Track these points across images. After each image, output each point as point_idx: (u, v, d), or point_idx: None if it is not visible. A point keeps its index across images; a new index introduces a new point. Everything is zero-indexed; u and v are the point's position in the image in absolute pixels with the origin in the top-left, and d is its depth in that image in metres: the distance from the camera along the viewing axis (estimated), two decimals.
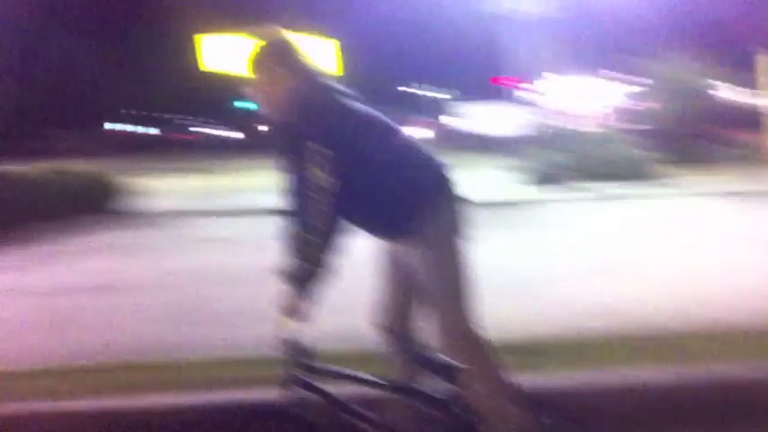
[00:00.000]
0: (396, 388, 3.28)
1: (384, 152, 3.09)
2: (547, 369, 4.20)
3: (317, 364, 3.11)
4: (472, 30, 32.06)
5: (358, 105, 3.16)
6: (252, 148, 29.85)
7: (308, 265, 2.92)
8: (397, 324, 3.29)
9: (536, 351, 4.47)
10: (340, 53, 31.11)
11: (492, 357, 3.13)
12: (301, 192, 2.96)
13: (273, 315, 2.98)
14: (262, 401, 3.51)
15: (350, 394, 3.27)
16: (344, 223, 3.01)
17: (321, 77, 3.18)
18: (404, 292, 3.24)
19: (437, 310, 3.09)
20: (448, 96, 49.12)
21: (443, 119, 49.05)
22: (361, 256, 3.42)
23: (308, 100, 3.06)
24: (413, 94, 55.64)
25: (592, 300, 5.91)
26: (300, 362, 3.05)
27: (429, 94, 53.89)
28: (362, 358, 3.87)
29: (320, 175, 2.92)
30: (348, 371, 3.26)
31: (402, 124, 3.25)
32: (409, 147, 3.18)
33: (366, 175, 3.03)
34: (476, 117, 47.02)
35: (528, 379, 3.58)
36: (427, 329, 3.22)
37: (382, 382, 3.27)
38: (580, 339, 4.81)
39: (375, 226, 3.17)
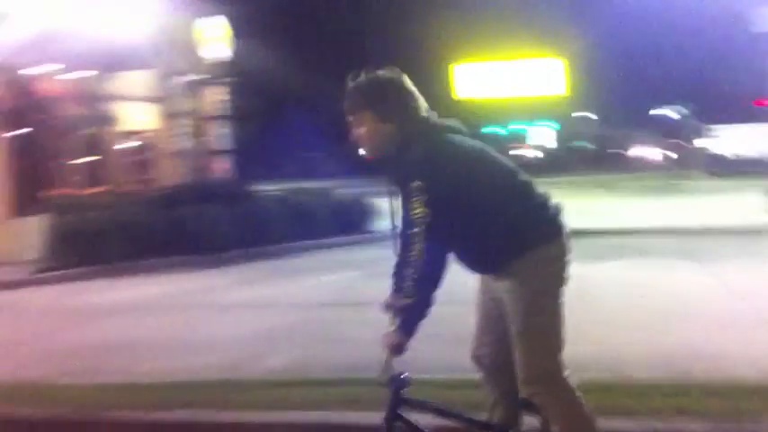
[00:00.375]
0: (488, 427, 3.27)
1: (492, 190, 3.05)
2: None
3: (418, 399, 3.16)
4: (724, 49, 30.40)
5: (468, 143, 3.11)
6: None
7: (406, 298, 2.95)
8: (491, 359, 3.25)
9: None
10: (569, 72, 30.74)
11: (580, 406, 3.05)
12: (405, 226, 3.03)
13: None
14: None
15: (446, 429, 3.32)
16: (446, 258, 3.03)
17: (425, 117, 3.12)
18: (499, 329, 3.16)
19: (525, 356, 3.03)
20: (694, 116, 46.73)
21: (695, 141, 46.77)
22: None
23: (407, 142, 3.03)
24: (660, 116, 53.55)
25: None
26: (401, 396, 3.04)
27: (676, 115, 51.63)
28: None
29: (419, 212, 2.91)
30: (444, 406, 3.34)
31: (645, 145, 3.24)
32: (520, 187, 3.12)
33: (472, 212, 3.00)
34: (732, 139, 44.48)
35: None
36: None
37: (476, 419, 3.28)
38: None
39: (477, 262, 3.16)
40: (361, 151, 3.21)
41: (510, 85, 32.61)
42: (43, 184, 13.94)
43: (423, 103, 3.16)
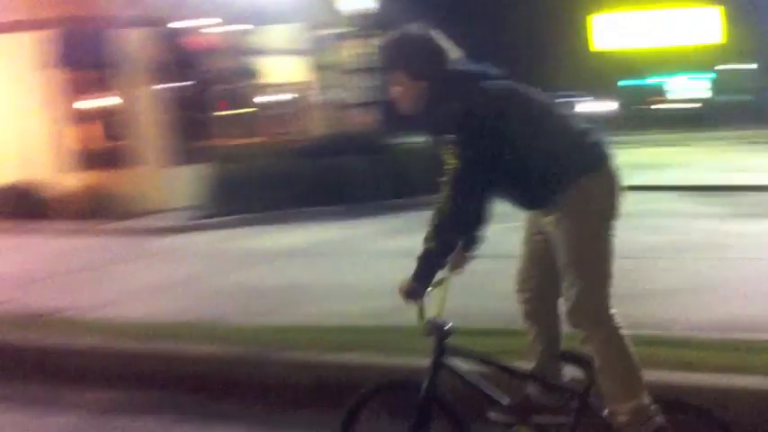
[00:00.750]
0: (529, 376, 3.27)
1: (527, 128, 3.02)
2: None
3: (462, 348, 3.19)
4: None
5: (498, 87, 3.08)
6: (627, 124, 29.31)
7: (424, 244, 2.98)
8: (534, 303, 3.23)
9: None
10: (725, 20, 29.16)
11: (627, 348, 2.99)
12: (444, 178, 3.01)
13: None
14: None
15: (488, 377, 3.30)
16: (475, 211, 3.02)
17: (455, 71, 3.09)
18: (544, 266, 3.15)
19: (572, 290, 2.99)
20: None
21: None
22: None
23: (438, 98, 3.03)
24: None
25: None
26: (444, 344, 3.09)
27: None
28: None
29: (451, 164, 2.94)
30: (487, 355, 3.35)
31: None
32: (563, 122, 3.10)
33: (510, 154, 2.98)
34: None
35: None
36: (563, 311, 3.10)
37: (516, 368, 3.28)
38: None
39: (522, 199, 3.14)
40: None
41: (656, 34, 31.28)
42: (198, 135, 14.62)
43: (455, 55, 3.14)
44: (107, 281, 8.23)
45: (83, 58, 13.53)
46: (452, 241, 3.06)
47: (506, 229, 3.27)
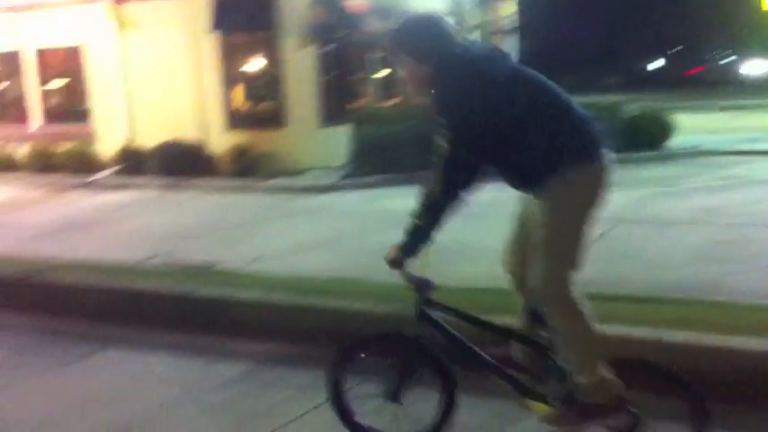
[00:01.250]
0: (505, 330, 3.49)
1: (525, 112, 3.08)
2: None
3: (442, 303, 3.41)
4: None
5: (498, 69, 3.14)
6: None
7: (425, 224, 3.18)
8: (517, 271, 3.41)
9: None
10: None
11: (587, 328, 3.13)
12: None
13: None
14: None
15: (469, 334, 3.46)
16: (463, 191, 3.15)
17: (459, 55, 3.15)
18: (526, 243, 3.29)
19: (537, 269, 3.14)
20: None
21: None
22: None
23: (439, 81, 3.13)
24: None
25: None
26: (427, 298, 3.37)
27: None
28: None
29: (441, 146, 3.06)
30: (465, 310, 3.50)
31: None
32: (558, 107, 3.13)
33: (503, 138, 3.08)
34: None
35: None
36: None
37: (496, 324, 3.52)
38: None
39: (514, 179, 3.24)
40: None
41: None
42: (348, 96, 14.92)
43: (460, 39, 3.23)
44: (259, 236, 8.64)
45: (246, 20, 14.03)
46: (441, 220, 3.20)
47: (653, 195, 3.29)
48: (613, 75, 51.37)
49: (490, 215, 8.97)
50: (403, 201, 10.13)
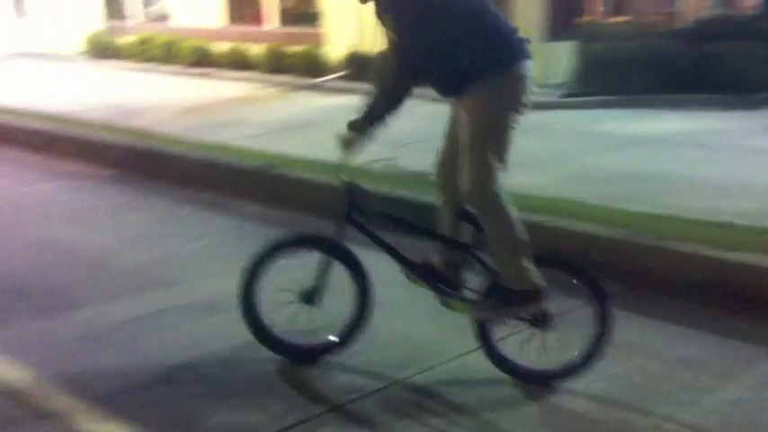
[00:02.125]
0: (427, 231, 3.70)
1: (455, 19, 3.27)
2: None
3: (367, 205, 3.60)
4: None
5: None
6: None
7: (366, 109, 3.49)
8: (449, 175, 3.56)
9: None
10: None
11: (513, 226, 3.32)
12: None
13: None
14: None
15: (396, 237, 3.68)
16: (407, 80, 3.43)
17: None
18: (456, 148, 3.45)
19: (467, 165, 3.31)
20: None
21: None
22: None
23: None
24: None
25: None
26: (356, 203, 3.57)
27: None
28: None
29: (389, 36, 3.39)
30: (396, 216, 3.70)
31: None
32: (484, 16, 3.31)
33: (441, 36, 3.28)
34: None
35: None
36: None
37: (417, 225, 3.75)
38: None
39: (442, 84, 3.42)
40: None
41: None
42: (573, 11, 14.40)
43: None
44: None
45: None
46: (396, 107, 3.49)
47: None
48: None
49: (702, 145, 8.60)
50: (626, 123, 9.97)
